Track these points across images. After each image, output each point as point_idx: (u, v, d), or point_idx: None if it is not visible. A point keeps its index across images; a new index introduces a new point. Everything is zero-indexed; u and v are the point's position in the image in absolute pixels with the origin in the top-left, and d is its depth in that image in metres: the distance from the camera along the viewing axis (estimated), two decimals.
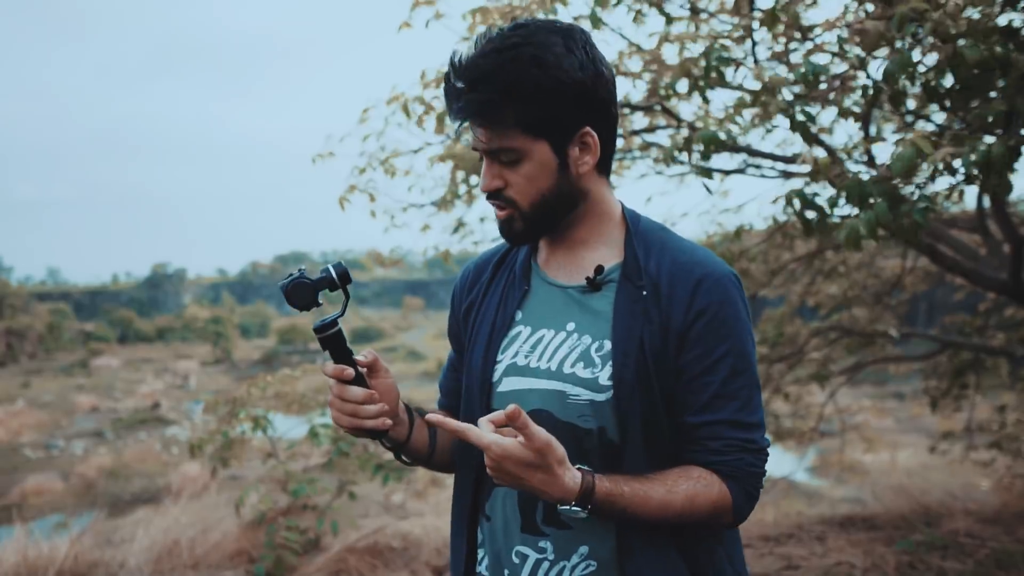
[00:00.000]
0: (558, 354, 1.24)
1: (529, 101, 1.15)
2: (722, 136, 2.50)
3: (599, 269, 1.24)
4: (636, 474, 1.18)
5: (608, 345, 1.21)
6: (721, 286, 1.20)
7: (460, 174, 3.34)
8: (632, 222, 1.29)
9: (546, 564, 1.24)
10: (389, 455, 4.46)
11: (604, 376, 1.20)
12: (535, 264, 1.33)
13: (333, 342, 1.19)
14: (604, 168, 1.28)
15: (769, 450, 1.25)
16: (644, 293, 1.21)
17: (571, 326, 1.25)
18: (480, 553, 1.33)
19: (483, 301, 1.36)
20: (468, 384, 1.33)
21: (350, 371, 1.19)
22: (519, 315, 1.30)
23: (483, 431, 1.09)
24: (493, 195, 1.23)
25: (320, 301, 1.19)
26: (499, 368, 1.28)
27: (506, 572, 1.28)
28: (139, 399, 30.42)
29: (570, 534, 1.22)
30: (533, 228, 1.24)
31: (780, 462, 10.19)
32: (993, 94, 2.23)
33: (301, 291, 1.18)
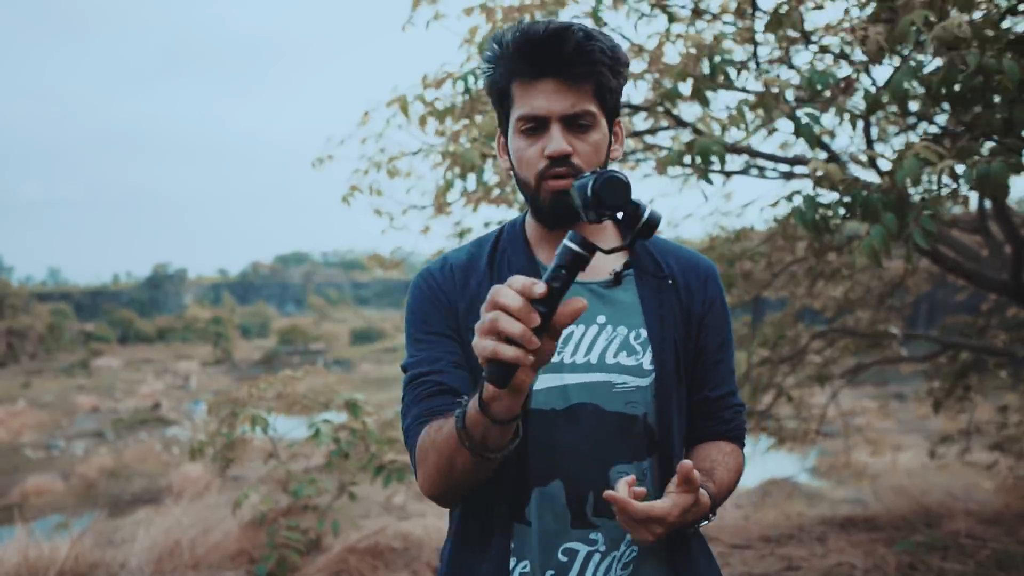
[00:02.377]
0: (596, 347, 1.25)
1: (614, 70, 1.20)
2: (720, 144, 2.49)
3: (627, 264, 1.29)
4: (683, 456, 1.31)
5: (644, 333, 1.27)
6: (719, 279, 1.39)
7: (455, 171, 3.33)
8: None
9: (597, 556, 1.23)
10: (390, 456, 4.46)
11: (647, 362, 1.26)
12: (540, 262, 1.30)
13: (575, 267, 0.95)
14: None
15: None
16: (669, 282, 1.31)
17: (601, 319, 1.26)
18: (512, 562, 1.25)
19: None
20: None
21: (582, 303, 0.95)
22: None
23: (642, 503, 1.11)
24: (560, 161, 1.18)
25: (633, 210, 1.09)
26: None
27: (550, 574, 1.23)
28: (140, 399, 30.42)
29: (616, 522, 1.19)
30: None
31: (782, 463, 10.18)
32: (996, 99, 2.24)
33: (618, 188, 1.07)
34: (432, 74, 3.36)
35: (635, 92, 3.90)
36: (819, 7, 2.71)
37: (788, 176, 3.98)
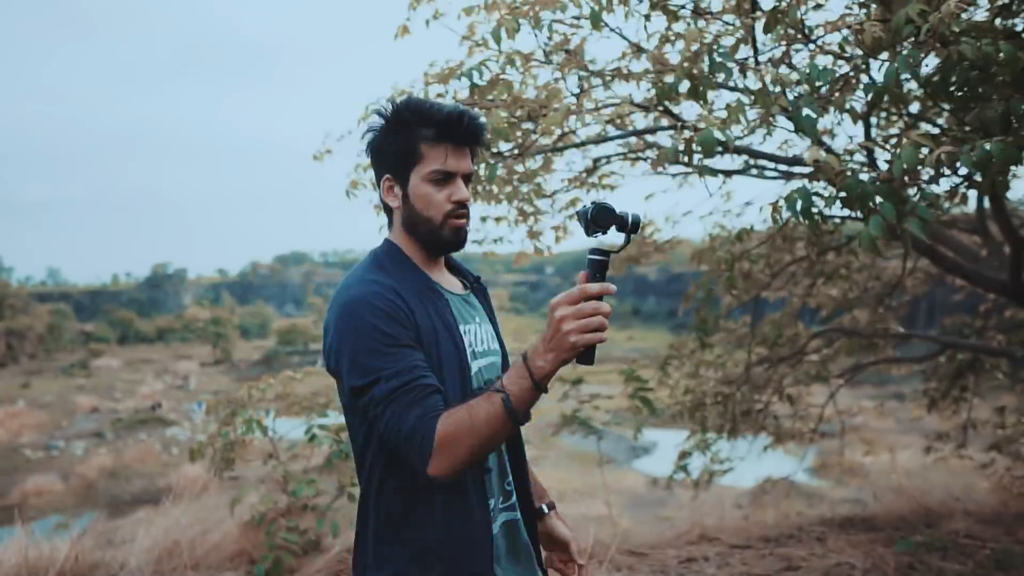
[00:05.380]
0: (486, 338, 1.70)
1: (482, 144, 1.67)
2: (722, 138, 2.49)
3: (477, 279, 1.79)
4: None
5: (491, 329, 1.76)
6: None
7: None
8: None
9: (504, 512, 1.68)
10: None
11: (497, 345, 1.76)
12: (436, 282, 1.66)
13: (603, 267, 1.38)
14: None
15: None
16: (487, 295, 1.82)
17: (478, 319, 1.71)
18: (491, 503, 1.64)
19: (425, 315, 1.59)
20: (448, 370, 1.57)
21: (613, 287, 1.38)
22: (457, 317, 1.65)
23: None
24: (464, 205, 1.60)
25: (615, 228, 1.39)
26: (468, 355, 1.62)
27: (502, 515, 1.71)
28: (139, 400, 30.44)
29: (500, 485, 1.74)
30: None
31: (780, 463, 10.18)
32: (993, 96, 2.24)
33: (607, 215, 1.37)
34: (432, 71, 3.36)
35: (636, 92, 3.90)
36: (819, 6, 2.71)
37: (788, 176, 3.98)
